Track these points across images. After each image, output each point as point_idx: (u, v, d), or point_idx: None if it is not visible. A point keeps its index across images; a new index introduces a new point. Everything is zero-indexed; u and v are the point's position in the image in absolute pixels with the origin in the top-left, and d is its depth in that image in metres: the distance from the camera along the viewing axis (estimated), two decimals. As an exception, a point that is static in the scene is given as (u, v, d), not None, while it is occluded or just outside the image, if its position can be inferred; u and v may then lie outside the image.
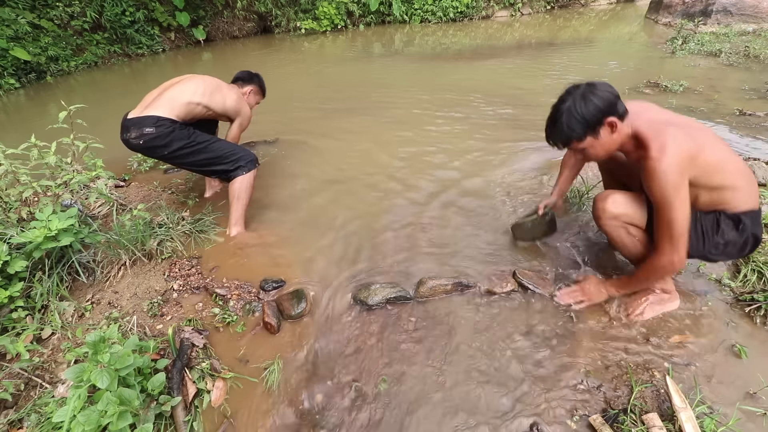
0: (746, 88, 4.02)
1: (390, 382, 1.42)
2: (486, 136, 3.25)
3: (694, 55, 5.32)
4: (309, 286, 1.83)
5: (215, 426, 1.33)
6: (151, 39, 8.20)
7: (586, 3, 10.97)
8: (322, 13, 9.29)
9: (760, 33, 6.03)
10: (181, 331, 1.61)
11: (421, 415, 1.32)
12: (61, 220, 1.64)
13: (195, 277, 1.89)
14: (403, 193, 2.51)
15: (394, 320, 1.65)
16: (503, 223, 2.17)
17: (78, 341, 1.56)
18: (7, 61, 6.24)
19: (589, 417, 1.26)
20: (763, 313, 1.54)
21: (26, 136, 1.89)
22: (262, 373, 1.47)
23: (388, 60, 6.62)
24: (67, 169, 1.96)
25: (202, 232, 2.16)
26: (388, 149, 3.11)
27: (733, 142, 2.97)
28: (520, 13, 10.25)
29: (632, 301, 1.59)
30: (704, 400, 1.28)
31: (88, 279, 1.82)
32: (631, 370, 1.39)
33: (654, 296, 1.58)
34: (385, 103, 4.22)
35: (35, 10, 7.00)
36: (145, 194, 2.63)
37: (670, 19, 7.46)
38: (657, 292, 1.58)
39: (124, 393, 1.15)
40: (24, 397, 1.42)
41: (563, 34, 7.82)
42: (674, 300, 1.59)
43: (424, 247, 2.04)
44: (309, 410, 1.36)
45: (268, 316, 1.62)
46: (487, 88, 4.49)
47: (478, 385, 1.39)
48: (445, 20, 9.88)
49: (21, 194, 1.78)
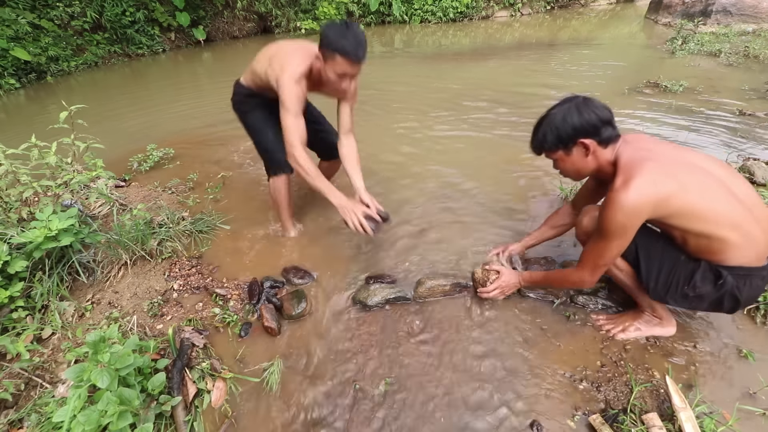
0: (746, 88, 4.01)
1: (391, 382, 1.42)
2: (486, 136, 3.25)
3: (694, 56, 5.32)
4: (309, 285, 1.84)
5: (215, 426, 1.33)
6: (151, 39, 8.21)
7: (586, 3, 10.97)
8: (322, 13, 9.29)
9: (759, 33, 6.03)
10: (182, 331, 1.61)
11: (422, 415, 1.32)
12: (62, 220, 1.64)
13: (195, 277, 1.90)
14: (403, 194, 2.51)
15: (394, 321, 1.65)
16: (503, 223, 2.17)
17: (78, 341, 1.56)
18: (7, 61, 6.24)
19: (589, 417, 1.26)
20: (763, 313, 1.54)
21: (26, 136, 1.89)
22: (262, 374, 1.47)
23: (388, 60, 6.62)
24: (68, 169, 1.96)
25: (202, 232, 2.17)
26: (388, 149, 3.12)
27: (733, 142, 2.97)
28: (519, 14, 10.25)
29: (619, 317, 1.56)
30: (704, 400, 1.28)
31: (89, 279, 1.82)
32: (631, 370, 1.39)
33: (643, 318, 1.51)
34: (385, 103, 4.22)
35: (35, 10, 7.00)
36: (145, 194, 2.63)
37: (669, 20, 7.46)
38: (647, 314, 1.51)
39: (124, 393, 1.15)
40: (24, 397, 1.42)
41: (563, 34, 7.83)
42: (667, 326, 1.50)
43: (424, 248, 2.04)
44: (309, 410, 1.36)
45: (268, 320, 1.62)
46: (487, 88, 4.49)
47: (478, 385, 1.39)
48: (444, 20, 9.87)
49: (21, 194, 1.78)
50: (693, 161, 1.22)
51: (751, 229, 1.16)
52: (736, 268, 1.20)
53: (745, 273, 1.19)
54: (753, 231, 1.16)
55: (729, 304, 1.25)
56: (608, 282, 1.72)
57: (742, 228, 1.15)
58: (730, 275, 1.20)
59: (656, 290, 1.33)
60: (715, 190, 1.16)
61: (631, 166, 1.18)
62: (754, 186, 2.31)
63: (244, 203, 2.51)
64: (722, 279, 1.20)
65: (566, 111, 1.26)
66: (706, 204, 1.15)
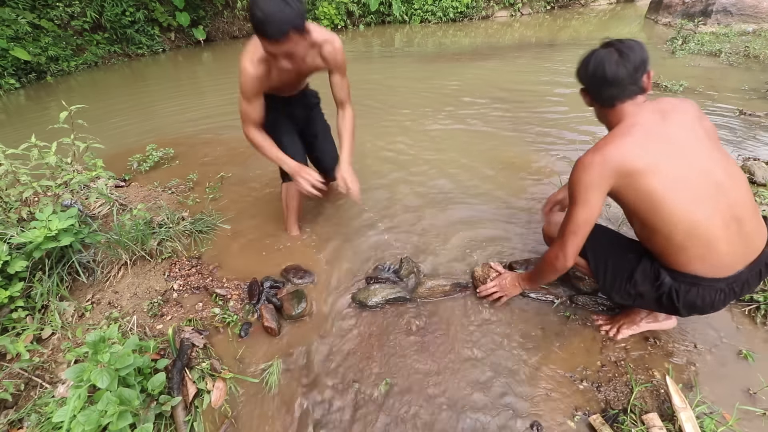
0: (746, 88, 4.01)
1: (391, 382, 1.42)
2: (486, 137, 3.25)
3: (694, 55, 5.32)
4: (309, 285, 1.84)
5: (215, 426, 1.33)
6: (151, 39, 8.20)
7: (586, 3, 10.97)
8: (322, 13, 9.29)
9: (760, 33, 6.03)
10: (181, 331, 1.61)
11: (422, 415, 1.32)
12: (61, 220, 1.64)
13: (195, 277, 1.90)
14: (402, 193, 2.51)
15: (394, 321, 1.65)
16: (504, 223, 2.17)
17: (78, 341, 1.56)
18: (7, 61, 6.23)
19: (589, 417, 1.26)
20: (763, 313, 1.54)
21: (26, 136, 1.89)
22: (262, 374, 1.47)
23: (388, 60, 6.62)
24: (68, 169, 1.96)
25: (202, 232, 2.16)
26: (388, 149, 3.12)
27: (732, 142, 2.97)
28: (519, 14, 10.25)
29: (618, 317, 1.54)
30: (704, 400, 1.28)
31: (88, 279, 1.82)
32: (631, 370, 1.39)
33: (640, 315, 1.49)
34: (385, 103, 4.22)
35: (35, 10, 7.00)
36: (145, 194, 2.63)
37: (670, 20, 7.46)
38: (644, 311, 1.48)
39: (124, 393, 1.15)
40: (24, 397, 1.42)
41: (563, 34, 7.82)
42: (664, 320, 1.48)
43: (425, 248, 2.04)
44: (310, 410, 1.36)
45: (268, 320, 1.62)
46: (487, 88, 4.48)
47: (478, 385, 1.39)
48: (444, 20, 9.87)
49: (21, 194, 1.78)
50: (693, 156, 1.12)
51: (714, 240, 1.09)
52: (683, 274, 1.16)
53: (692, 281, 1.15)
54: (717, 243, 1.09)
55: (667, 305, 1.21)
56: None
57: (702, 237, 1.09)
58: (669, 277, 1.17)
59: (604, 286, 1.34)
60: (691, 191, 1.09)
61: (614, 133, 1.17)
62: (754, 186, 2.31)
63: (243, 203, 2.51)
64: (660, 281, 1.19)
65: (592, 54, 1.20)
66: (669, 197, 1.09)
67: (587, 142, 3.00)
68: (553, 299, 1.68)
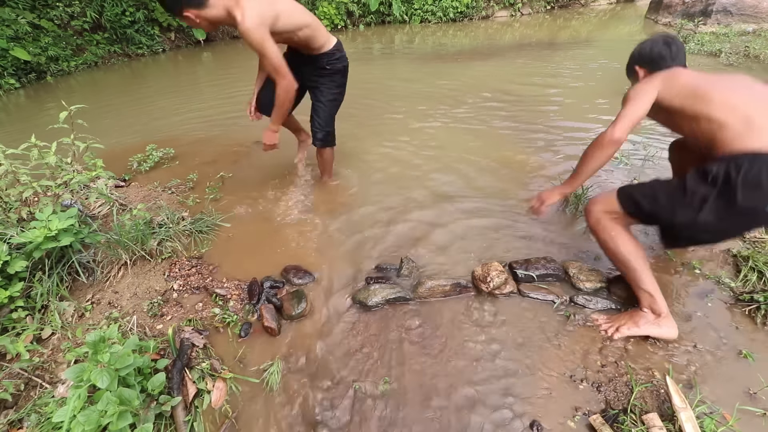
0: (746, 88, 4.01)
1: (391, 382, 1.42)
2: (486, 135, 3.25)
3: (695, 55, 5.32)
4: (309, 285, 1.84)
5: (216, 426, 1.33)
6: (151, 39, 8.20)
7: (586, 3, 10.97)
8: (322, 13, 9.29)
9: (760, 33, 6.03)
10: (181, 331, 1.61)
11: (422, 415, 1.32)
12: (61, 220, 1.64)
13: (195, 277, 1.89)
14: (402, 193, 2.51)
15: (394, 321, 1.65)
16: (502, 225, 2.17)
17: (78, 341, 1.56)
18: (7, 61, 6.23)
19: (589, 417, 1.26)
20: (763, 313, 1.54)
21: (26, 136, 1.89)
22: (262, 374, 1.47)
23: (388, 60, 6.62)
24: (67, 169, 1.96)
25: (202, 232, 2.16)
26: (388, 147, 3.11)
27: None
28: (519, 13, 10.26)
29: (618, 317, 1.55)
30: (704, 400, 1.28)
31: (88, 279, 1.82)
32: (631, 370, 1.39)
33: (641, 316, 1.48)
34: (385, 102, 4.22)
35: (35, 10, 6.99)
36: (145, 194, 2.63)
37: (670, 19, 7.46)
38: (645, 312, 1.48)
39: (124, 393, 1.15)
40: (24, 397, 1.42)
41: (563, 34, 7.82)
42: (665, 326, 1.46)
43: (425, 248, 2.04)
44: (309, 411, 1.36)
45: (268, 320, 1.62)
46: (487, 87, 4.49)
47: (478, 385, 1.39)
48: (444, 20, 9.88)
49: (21, 194, 1.78)
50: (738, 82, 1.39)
51: (755, 116, 1.23)
52: (734, 157, 1.21)
53: (745, 159, 1.19)
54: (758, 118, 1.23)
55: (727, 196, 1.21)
56: (608, 282, 1.72)
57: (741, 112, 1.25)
58: (715, 165, 1.24)
59: (667, 214, 1.35)
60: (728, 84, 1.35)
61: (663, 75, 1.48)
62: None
63: (244, 203, 2.51)
64: (710, 173, 1.24)
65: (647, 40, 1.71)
66: (707, 85, 1.34)
67: (586, 141, 3.00)
68: (553, 299, 1.68)
